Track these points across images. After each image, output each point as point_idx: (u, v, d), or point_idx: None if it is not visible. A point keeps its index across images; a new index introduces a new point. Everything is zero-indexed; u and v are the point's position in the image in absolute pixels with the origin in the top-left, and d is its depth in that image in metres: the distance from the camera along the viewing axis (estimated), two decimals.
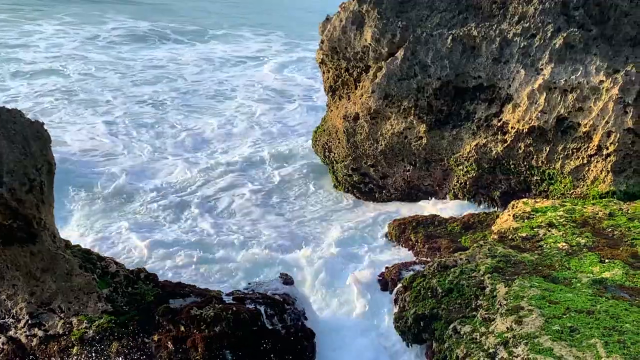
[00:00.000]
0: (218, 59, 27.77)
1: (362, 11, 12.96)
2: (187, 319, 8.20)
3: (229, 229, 12.70)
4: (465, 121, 12.47)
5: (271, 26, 35.59)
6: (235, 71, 25.52)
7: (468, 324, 8.00)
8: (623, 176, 11.27)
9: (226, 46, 30.45)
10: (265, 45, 31.11)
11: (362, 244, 12.02)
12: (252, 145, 17.33)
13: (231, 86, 23.19)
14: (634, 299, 7.84)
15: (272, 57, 28.51)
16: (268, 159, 16.19)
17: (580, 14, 12.07)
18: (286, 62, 27.43)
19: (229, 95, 22.06)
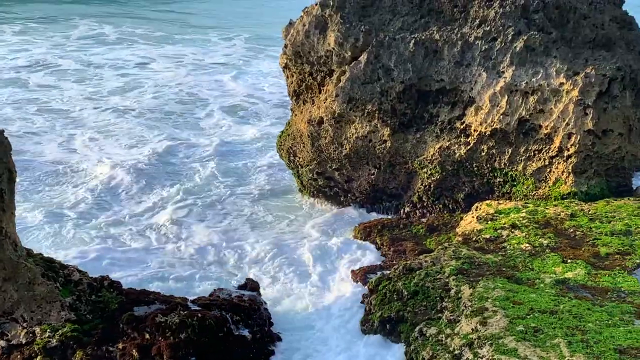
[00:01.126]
0: (190, 64, 27.50)
1: (325, 15, 12.99)
2: (152, 326, 8.14)
3: (198, 233, 12.67)
4: (428, 124, 12.55)
5: (241, 30, 35.40)
6: (206, 78, 25.32)
7: (434, 325, 8.05)
8: (584, 177, 11.42)
9: (195, 50, 30.22)
10: (233, 50, 30.96)
11: (328, 248, 12.02)
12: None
13: (201, 93, 22.98)
14: (596, 298, 7.95)
15: (241, 62, 28.35)
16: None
17: (540, 17, 12.22)
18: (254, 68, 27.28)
19: (199, 104, 21.86)
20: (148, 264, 11.40)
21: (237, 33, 34.69)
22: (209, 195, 14.42)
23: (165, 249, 12.00)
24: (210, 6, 43.70)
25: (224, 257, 11.75)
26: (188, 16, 40.03)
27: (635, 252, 9.07)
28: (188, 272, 11.03)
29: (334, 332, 9.24)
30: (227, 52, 30.41)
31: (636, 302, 7.80)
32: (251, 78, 25.60)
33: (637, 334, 7.05)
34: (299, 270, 11.21)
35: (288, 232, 12.80)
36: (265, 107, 21.65)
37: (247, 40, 32.86)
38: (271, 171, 15.74)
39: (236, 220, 13.30)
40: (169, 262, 11.51)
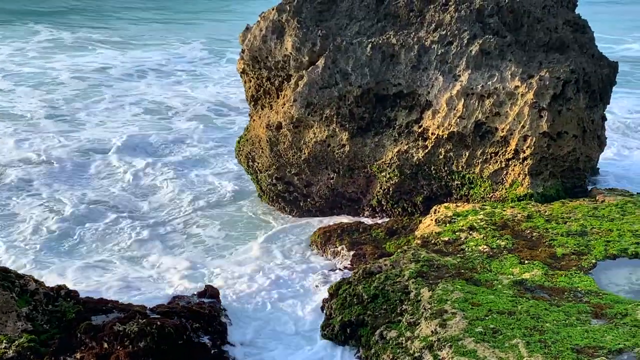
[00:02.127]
0: (150, 69, 27.18)
1: (282, 20, 12.99)
2: (110, 335, 8.04)
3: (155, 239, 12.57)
4: (386, 128, 12.61)
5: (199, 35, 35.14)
6: (165, 83, 25.07)
7: (394, 329, 8.08)
8: (540, 179, 11.57)
9: (153, 54, 29.90)
10: (193, 53, 30.71)
11: (287, 253, 12.02)
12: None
13: (160, 99, 22.76)
14: (553, 298, 8.06)
15: (200, 66, 28.12)
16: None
17: (495, 21, 12.36)
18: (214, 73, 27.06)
19: (161, 110, 21.64)
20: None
21: (195, 37, 34.42)
22: (169, 206, 14.31)
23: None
24: (167, 9, 43.31)
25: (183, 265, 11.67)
26: (147, 20, 39.61)
27: (591, 252, 9.21)
28: (146, 282, 10.92)
29: (292, 336, 9.23)
30: (186, 55, 30.16)
31: (592, 301, 7.92)
32: (211, 82, 25.41)
33: (594, 333, 7.16)
34: (259, 276, 11.17)
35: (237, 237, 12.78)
36: (227, 112, 21.51)
37: (205, 44, 32.61)
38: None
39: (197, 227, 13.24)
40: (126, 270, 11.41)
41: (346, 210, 13.32)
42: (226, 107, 21.96)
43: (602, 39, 19.96)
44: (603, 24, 29.74)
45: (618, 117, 20.46)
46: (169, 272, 11.33)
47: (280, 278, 11.04)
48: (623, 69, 16.05)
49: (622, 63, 15.12)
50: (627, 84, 24.31)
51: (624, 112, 21.35)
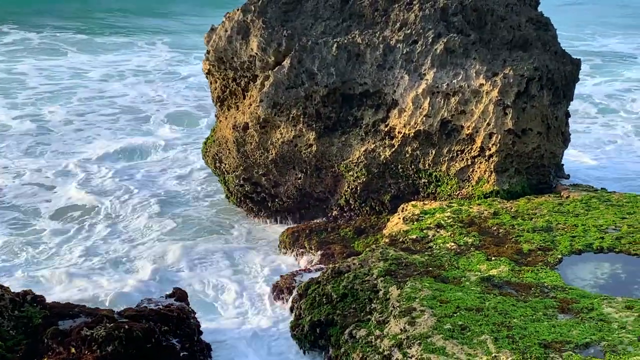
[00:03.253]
0: (117, 70, 26.83)
1: (247, 21, 12.94)
2: (77, 340, 7.95)
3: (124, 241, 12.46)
4: (353, 127, 12.62)
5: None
6: (131, 84, 24.79)
7: (363, 327, 8.09)
8: (505, 176, 11.66)
9: (121, 56, 29.57)
10: (158, 53, 30.42)
11: (255, 254, 12.00)
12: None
13: (127, 100, 22.50)
14: (520, 294, 8.13)
15: (166, 67, 27.85)
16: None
17: (458, 19, 12.43)
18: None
19: (129, 111, 21.41)
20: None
21: (160, 37, 34.11)
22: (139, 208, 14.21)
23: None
24: (128, 10, 42.78)
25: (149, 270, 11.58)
26: (109, 21, 39.14)
27: (557, 247, 9.31)
28: (113, 285, 10.83)
29: (263, 338, 9.22)
30: (151, 56, 29.89)
31: (559, 296, 8.00)
32: (178, 83, 25.21)
33: (561, 328, 7.23)
34: (225, 278, 11.13)
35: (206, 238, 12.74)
36: (193, 112, 21.38)
37: (170, 45, 32.34)
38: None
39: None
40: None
41: (314, 210, 13.31)
42: (195, 108, 21.83)
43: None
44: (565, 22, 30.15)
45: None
46: (133, 276, 11.25)
47: (248, 279, 11.02)
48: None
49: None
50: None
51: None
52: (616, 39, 35.33)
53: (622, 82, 25.88)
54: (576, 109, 20.26)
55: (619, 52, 31.64)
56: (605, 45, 33.52)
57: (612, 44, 34.03)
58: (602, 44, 34.00)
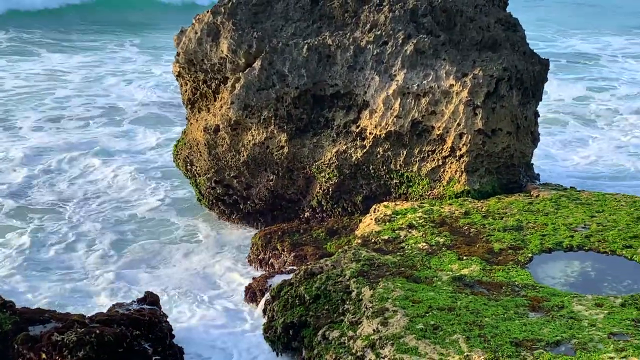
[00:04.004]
0: (88, 72, 26.54)
1: (217, 22, 12.91)
2: (48, 345, 7.88)
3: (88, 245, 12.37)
4: (325, 128, 12.64)
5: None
6: (104, 85, 24.54)
7: (336, 329, 8.09)
8: (476, 175, 11.73)
9: (89, 58, 29.27)
10: (129, 55, 30.19)
11: (227, 256, 11.98)
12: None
13: (100, 102, 22.30)
14: (492, 293, 8.18)
15: (138, 68, 27.64)
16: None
17: (428, 20, 12.50)
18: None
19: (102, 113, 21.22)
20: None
21: (130, 38, 33.86)
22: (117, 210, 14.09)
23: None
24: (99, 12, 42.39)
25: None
26: (79, 23, 38.73)
27: (527, 246, 9.39)
28: (78, 292, 10.76)
29: (235, 341, 9.20)
30: (123, 58, 29.68)
31: (530, 295, 8.07)
32: (149, 84, 25.04)
33: (532, 326, 7.29)
34: (197, 283, 11.10)
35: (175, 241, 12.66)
36: (164, 113, 21.26)
37: (140, 46, 32.12)
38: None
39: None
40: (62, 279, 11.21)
41: (286, 211, 13.30)
42: (167, 110, 21.71)
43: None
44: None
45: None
46: (100, 282, 11.19)
47: (220, 282, 10.98)
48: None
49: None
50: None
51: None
52: (578, 39, 35.63)
53: (588, 82, 26.13)
54: (544, 109, 20.44)
55: (583, 53, 31.93)
56: (572, 46, 33.80)
57: (575, 44, 34.33)
58: (566, 44, 34.25)
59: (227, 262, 11.92)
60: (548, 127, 19.68)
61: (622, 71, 28.40)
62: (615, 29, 38.57)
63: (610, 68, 29.00)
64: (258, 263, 12.01)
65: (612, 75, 27.48)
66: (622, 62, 30.20)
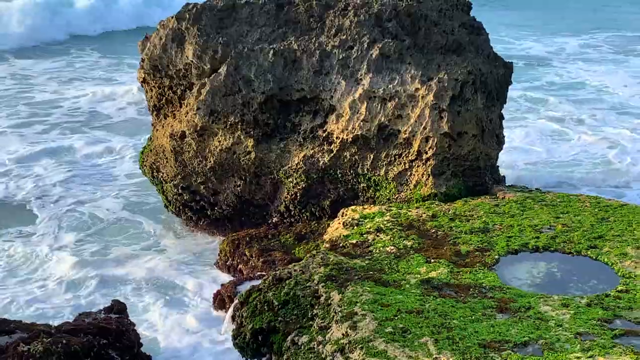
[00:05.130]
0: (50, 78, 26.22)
1: (182, 28, 12.86)
2: (14, 356, 7.78)
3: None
4: (292, 133, 12.64)
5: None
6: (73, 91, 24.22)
7: (305, 334, 8.08)
8: (443, 179, 11.80)
9: (53, 63, 28.88)
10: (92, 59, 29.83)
11: (194, 263, 11.92)
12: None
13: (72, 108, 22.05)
14: (460, 295, 8.22)
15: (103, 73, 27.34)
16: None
17: (393, 25, 12.55)
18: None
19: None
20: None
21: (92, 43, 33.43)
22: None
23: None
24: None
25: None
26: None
27: (494, 248, 9.45)
28: (49, 300, 10.63)
29: (203, 349, 9.15)
30: (85, 63, 29.37)
31: (497, 296, 8.12)
32: (116, 89, 24.80)
33: (499, 327, 7.34)
34: (165, 291, 11.03)
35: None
36: (129, 119, 21.09)
37: (100, 51, 31.75)
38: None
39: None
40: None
41: (254, 217, 13.27)
42: (131, 116, 21.55)
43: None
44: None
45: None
46: (64, 289, 11.08)
47: (188, 289, 10.93)
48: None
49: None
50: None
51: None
52: (530, 41, 35.83)
53: (542, 85, 26.31)
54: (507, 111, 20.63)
55: (536, 55, 32.09)
56: (527, 49, 33.95)
57: (528, 47, 34.49)
58: (521, 47, 34.37)
59: (195, 269, 11.86)
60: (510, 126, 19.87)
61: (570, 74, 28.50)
62: (570, 31, 38.79)
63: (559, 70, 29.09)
64: (226, 269, 11.98)
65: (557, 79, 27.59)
66: (573, 65, 30.34)
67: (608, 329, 7.30)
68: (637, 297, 8.09)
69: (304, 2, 12.89)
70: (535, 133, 19.94)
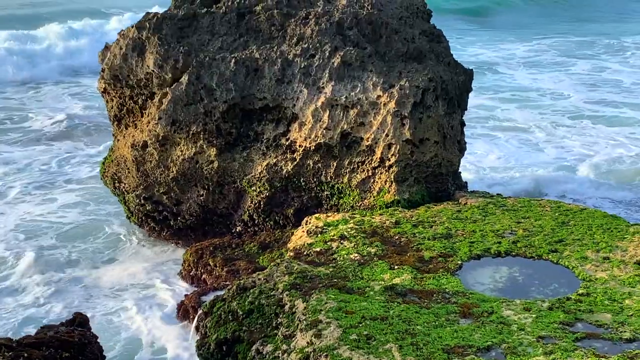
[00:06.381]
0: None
1: (142, 38, 12.79)
2: None
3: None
4: (254, 142, 12.62)
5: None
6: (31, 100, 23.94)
7: (270, 343, 8.06)
8: (405, 185, 11.87)
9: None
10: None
11: (157, 274, 11.82)
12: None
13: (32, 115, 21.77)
14: (423, 301, 8.26)
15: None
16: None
17: (354, 33, 12.61)
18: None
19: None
20: None
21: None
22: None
23: None
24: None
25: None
26: None
27: (456, 253, 9.52)
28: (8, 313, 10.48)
29: (171, 359, 9.08)
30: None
31: (460, 302, 8.17)
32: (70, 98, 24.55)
33: (463, 332, 7.38)
34: (128, 303, 10.92)
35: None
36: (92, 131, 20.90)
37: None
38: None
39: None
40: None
41: (218, 226, 13.21)
42: (90, 127, 21.36)
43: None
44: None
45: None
46: (26, 300, 10.93)
47: (152, 300, 10.83)
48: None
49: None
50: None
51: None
52: (476, 47, 36.01)
53: (491, 90, 26.51)
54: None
55: (484, 61, 32.25)
56: (476, 55, 34.09)
57: (475, 53, 34.65)
58: (468, 53, 34.50)
59: (158, 280, 11.77)
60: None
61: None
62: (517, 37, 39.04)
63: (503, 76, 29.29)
64: (190, 279, 11.91)
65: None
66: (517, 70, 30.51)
67: (569, 332, 7.39)
68: (598, 300, 8.20)
69: (265, 11, 12.90)
70: (490, 138, 20.15)
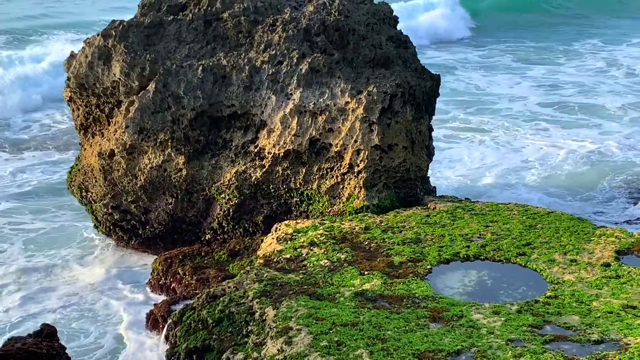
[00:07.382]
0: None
1: (108, 46, 12.69)
2: None
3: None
4: (223, 149, 12.57)
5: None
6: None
7: (240, 351, 8.02)
8: (374, 191, 11.89)
9: None
10: None
11: (126, 283, 11.72)
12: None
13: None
14: (393, 306, 8.28)
15: None
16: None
17: (322, 39, 12.63)
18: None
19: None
20: None
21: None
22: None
23: None
24: None
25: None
26: None
27: (426, 258, 9.56)
28: None
29: None
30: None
31: (430, 306, 8.21)
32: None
33: (433, 337, 7.41)
34: (97, 313, 10.82)
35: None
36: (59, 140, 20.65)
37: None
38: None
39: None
40: None
41: (187, 235, 13.13)
42: (58, 135, 21.12)
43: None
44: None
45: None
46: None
47: (120, 310, 10.74)
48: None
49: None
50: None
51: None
52: (433, 51, 35.87)
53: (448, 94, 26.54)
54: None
55: (444, 64, 32.15)
56: (436, 57, 33.84)
57: (436, 56, 34.47)
58: (427, 56, 34.30)
59: (127, 290, 11.66)
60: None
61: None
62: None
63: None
64: (159, 289, 11.82)
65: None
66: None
67: (538, 334, 7.45)
68: (566, 302, 8.28)
69: (232, 18, 12.87)
70: (455, 143, 20.24)
